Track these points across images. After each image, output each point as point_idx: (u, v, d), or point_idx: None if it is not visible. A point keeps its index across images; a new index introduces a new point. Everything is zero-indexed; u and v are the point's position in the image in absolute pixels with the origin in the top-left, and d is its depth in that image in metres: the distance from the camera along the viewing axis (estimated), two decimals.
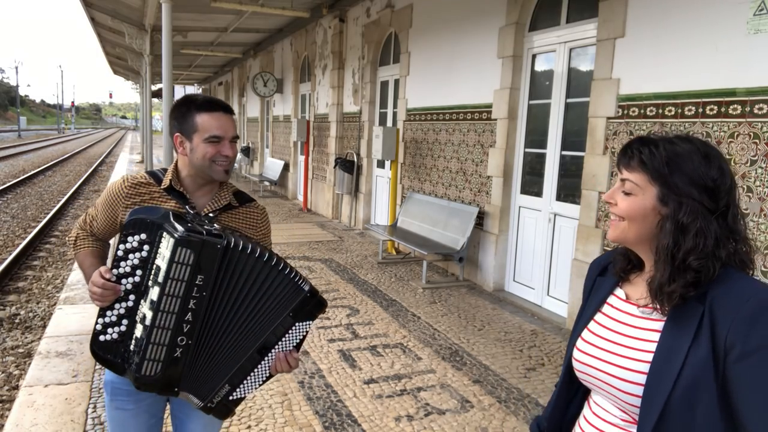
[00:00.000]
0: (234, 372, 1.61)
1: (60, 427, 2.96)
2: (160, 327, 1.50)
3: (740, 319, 0.97)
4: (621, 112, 4.22)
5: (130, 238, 1.54)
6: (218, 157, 1.66)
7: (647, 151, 1.08)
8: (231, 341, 1.58)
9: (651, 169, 1.07)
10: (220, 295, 1.54)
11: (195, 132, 1.65)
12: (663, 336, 1.06)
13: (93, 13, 10.86)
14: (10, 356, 4.65)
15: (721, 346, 0.98)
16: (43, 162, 23.06)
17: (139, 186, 1.71)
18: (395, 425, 3.08)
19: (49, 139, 47.76)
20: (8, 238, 8.90)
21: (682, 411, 1.01)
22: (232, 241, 1.52)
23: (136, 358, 1.53)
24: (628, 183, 1.10)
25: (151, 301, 1.50)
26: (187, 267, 1.48)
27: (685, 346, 1.02)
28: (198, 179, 1.72)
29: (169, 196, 1.70)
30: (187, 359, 1.55)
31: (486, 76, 5.83)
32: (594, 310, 1.23)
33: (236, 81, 19.24)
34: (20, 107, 68.78)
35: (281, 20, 10.85)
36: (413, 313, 4.98)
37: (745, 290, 1.00)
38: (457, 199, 6.45)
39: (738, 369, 0.97)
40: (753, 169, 3.34)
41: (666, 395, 1.01)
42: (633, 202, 1.10)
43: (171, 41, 6.40)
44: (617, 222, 1.13)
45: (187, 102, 1.69)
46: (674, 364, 1.02)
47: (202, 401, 1.62)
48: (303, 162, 11.43)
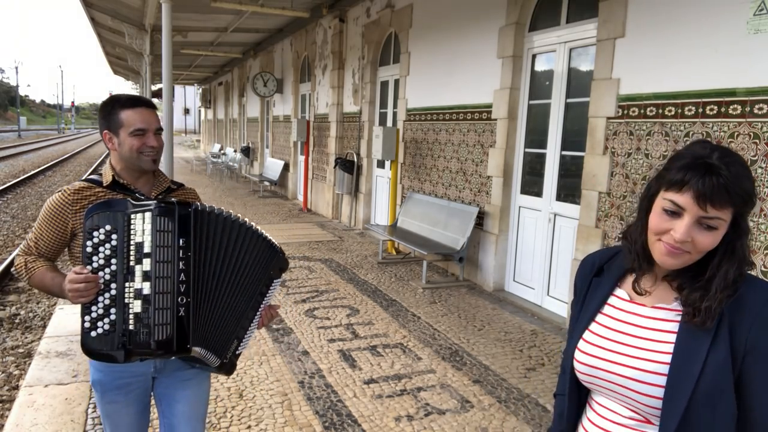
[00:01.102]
0: (239, 327, 1.74)
1: (60, 427, 2.96)
2: (160, 292, 1.60)
3: (759, 322, 1.01)
4: (621, 112, 4.22)
5: (95, 233, 1.60)
6: (144, 148, 1.78)
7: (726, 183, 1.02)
8: (227, 297, 1.70)
9: (734, 204, 1.03)
10: (204, 254, 1.67)
11: (121, 127, 1.77)
12: (680, 337, 1.07)
13: (93, 13, 10.86)
14: (10, 356, 4.65)
15: (741, 348, 1.02)
16: (43, 162, 23.06)
17: (81, 191, 1.78)
18: (395, 425, 3.08)
19: (49, 139, 47.76)
20: (8, 238, 8.90)
21: (704, 411, 1.02)
22: (199, 205, 1.68)
23: (143, 329, 1.58)
24: (716, 221, 1.03)
25: (144, 273, 1.59)
26: (168, 233, 1.61)
27: (704, 348, 1.03)
28: (132, 171, 1.83)
29: (114, 192, 1.79)
30: (192, 317, 1.64)
31: (486, 76, 5.83)
32: (594, 311, 1.21)
33: (236, 81, 19.24)
34: (20, 107, 68.79)
35: (281, 20, 10.85)
36: (413, 313, 4.98)
37: (760, 293, 1.04)
38: (457, 199, 6.45)
39: (755, 370, 1.01)
40: (753, 169, 3.34)
41: (688, 396, 1.02)
42: (716, 237, 1.05)
43: (171, 41, 6.40)
44: (682, 254, 1.06)
45: (112, 101, 1.81)
46: (695, 366, 1.03)
47: (219, 358, 1.71)
48: (303, 162, 11.43)
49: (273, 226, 9.07)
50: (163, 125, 2.02)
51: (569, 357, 1.23)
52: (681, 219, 1.04)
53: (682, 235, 1.04)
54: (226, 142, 22.45)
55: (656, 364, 1.08)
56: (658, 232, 1.08)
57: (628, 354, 1.12)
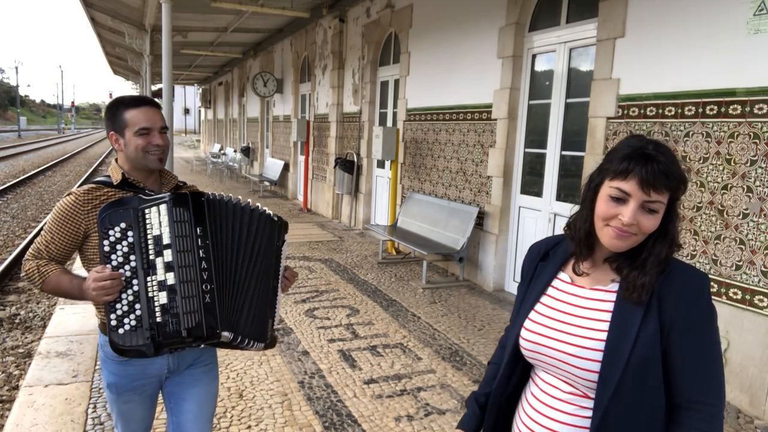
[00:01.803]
0: (270, 305, 1.80)
1: (60, 427, 2.96)
2: (184, 281, 1.62)
3: (683, 301, 1.15)
4: (621, 112, 4.22)
5: (111, 232, 1.62)
6: (150, 147, 1.79)
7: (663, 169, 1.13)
8: (249, 278, 1.75)
9: (670, 188, 1.15)
10: (221, 240, 1.72)
11: (126, 127, 1.79)
12: (615, 314, 1.18)
13: (93, 13, 10.86)
14: (10, 356, 4.65)
15: (667, 323, 1.15)
16: (43, 162, 23.06)
17: (91, 192, 1.78)
18: (395, 425, 3.08)
19: (49, 139, 47.76)
20: (8, 238, 8.90)
21: (635, 382, 1.14)
22: (210, 194, 1.73)
23: (172, 319, 1.60)
24: (657, 204, 1.15)
25: (167, 264, 1.62)
26: (185, 223, 1.65)
27: (636, 324, 1.15)
28: (140, 171, 1.84)
29: (124, 191, 1.80)
30: (218, 302, 1.67)
31: (486, 76, 5.83)
32: (539, 293, 1.31)
33: (236, 81, 19.23)
34: (20, 107, 68.80)
35: (281, 20, 10.85)
36: (413, 313, 4.98)
37: (684, 275, 1.18)
38: (457, 199, 6.45)
39: (678, 341, 1.14)
40: (753, 169, 3.34)
41: (622, 367, 1.13)
42: (658, 219, 1.16)
43: (171, 41, 6.39)
44: (630, 236, 1.16)
45: (117, 103, 1.83)
46: (628, 339, 1.14)
47: (263, 342, 1.77)
48: (303, 162, 11.43)
49: None
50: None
51: (512, 335, 1.34)
52: (627, 204, 1.15)
53: (629, 218, 1.14)
54: (226, 142, 22.45)
55: (594, 341, 1.18)
56: (606, 217, 1.17)
57: (569, 332, 1.22)
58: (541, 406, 1.27)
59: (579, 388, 1.21)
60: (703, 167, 3.64)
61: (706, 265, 3.62)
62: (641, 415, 1.16)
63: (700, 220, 3.66)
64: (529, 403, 1.31)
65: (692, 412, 1.15)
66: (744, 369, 3.37)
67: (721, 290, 3.53)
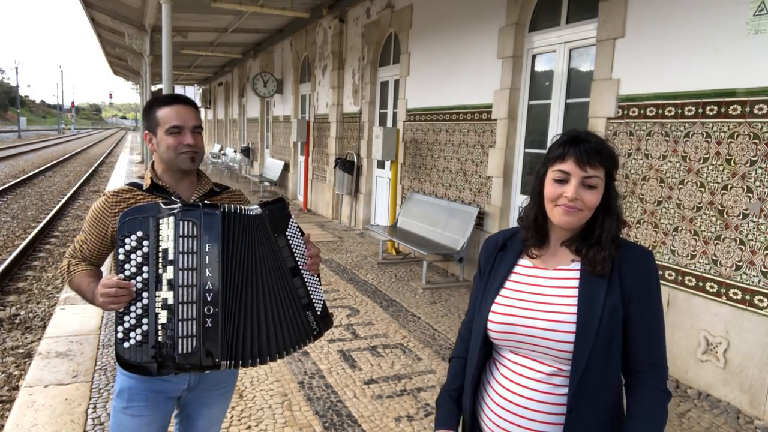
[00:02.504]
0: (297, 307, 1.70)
1: (60, 427, 2.96)
2: (184, 302, 1.53)
3: (639, 274, 1.30)
4: (621, 113, 4.22)
5: (127, 240, 1.55)
6: (181, 147, 1.71)
7: (596, 147, 1.29)
8: (260, 292, 1.64)
9: (605, 163, 1.30)
10: (235, 258, 1.60)
11: (158, 126, 1.72)
12: (582, 289, 1.29)
13: (93, 13, 10.87)
14: (10, 356, 4.65)
15: (627, 294, 1.28)
16: (43, 162, 23.06)
17: (121, 194, 1.73)
18: (395, 425, 3.08)
19: (49, 139, 47.76)
20: (8, 239, 8.90)
21: (603, 348, 1.26)
22: (226, 207, 1.62)
23: (168, 342, 1.53)
24: (594, 179, 1.29)
25: (168, 282, 1.53)
26: (192, 239, 1.55)
27: (602, 295, 1.27)
28: (174, 173, 1.77)
29: (153, 195, 1.73)
30: (222, 328, 1.56)
31: (486, 77, 5.83)
32: (502, 279, 1.40)
33: (236, 81, 19.23)
34: (20, 107, 68.78)
35: (281, 21, 10.86)
36: (413, 313, 4.98)
37: (638, 253, 1.33)
38: (457, 199, 6.45)
39: (634, 312, 1.28)
40: (753, 169, 3.34)
41: (593, 337, 1.25)
42: (597, 194, 1.30)
43: (171, 41, 6.40)
44: (576, 211, 1.29)
45: (151, 101, 1.77)
46: (596, 310, 1.26)
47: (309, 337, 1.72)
48: (303, 162, 11.43)
49: None
50: None
51: (478, 324, 1.41)
52: (569, 183, 1.29)
53: (572, 192, 1.28)
54: (226, 143, 22.45)
55: (565, 315, 1.28)
56: (553, 198, 1.31)
57: (540, 309, 1.31)
58: (516, 386, 1.32)
59: (552, 364, 1.29)
60: (703, 167, 3.64)
61: (706, 265, 3.62)
62: (608, 380, 1.28)
63: (700, 221, 3.66)
64: (496, 389, 1.36)
65: (649, 375, 1.28)
66: (744, 369, 3.37)
67: (721, 290, 3.53)
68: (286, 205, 1.76)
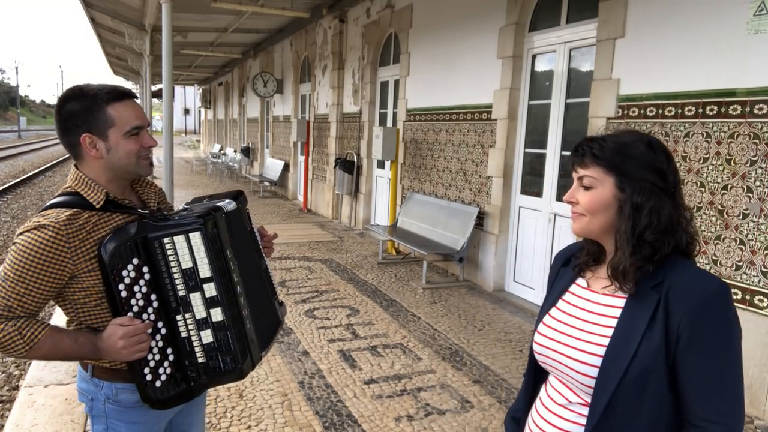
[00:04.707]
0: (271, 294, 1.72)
1: (60, 427, 2.96)
2: (232, 316, 1.45)
3: (690, 310, 1.06)
4: (621, 113, 4.22)
5: (124, 273, 1.37)
6: (142, 151, 1.49)
7: (597, 145, 1.16)
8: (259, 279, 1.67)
9: (604, 160, 1.14)
10: (242, 255, 1.57)
11: (110, 127, 1.42)
12: (620, 321, 1.13)
13: (93, 13, 10.86)
14: None
15: (674, 334, 1.07)
16: (43, 162, 23.06)
17: (73, 221, 1.38)
18: (395, 425, 3.08)
19: (49, 139, 47.72)
20: (8, 238, 8.90)
21: (633, 393, 1.08)
22: (223, 207, 1.54)
23: (223, 357, 1.45)
24: (586, 179, 1.16)
25: (210, 299, 1.43)
26: (219, 248, 1.45)
27: (639, 332, 1.09)
28: (121, 182, 1.51)
29: (108, 213, 1.45)
30: (254, 324, 1.55)
31: (486, 77, 5.83)
32: (556, 298, 1.29)
33: (236, 81, 19.23)
34: (20, 107, 68.78)
35: (281, 20, 10.86)
36: (413, 313, 4.98)
37: (696, 282, 1.09)
38: (457, 199, 6.45)
39: (685, 355, 1.06)
40: (753, 169, 3.34)
41: (619, 377, 1.08)
42: (594, 195, 1.16)
43: (171, 41, 6.39)
44: (579, 216, 1.19)
45: (87, 95, 1.43)
46: (629, 348, 1.09)
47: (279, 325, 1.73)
48: (303, 162, 11.43)
49: (273, 227, 9.06)
50: (163, 126, 1.96)
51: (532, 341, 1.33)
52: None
53: (567, 196, 1.20)
54: (226, 143, 22.45)
55: (595, 346, 1.14)
56: (569, 202, 1.22)
57: (575, 336, 1.19)
58: (545, 411, 1.26)
59: (582, 396, 1.18)
60: (703, 167, 3.64)
61: (707, 266, 3.62)
62: (638, 430, 1.11)
63: (700, 221, 3.66)
64: (536, 409, 1.31)
65: (700, 430, 1.07)
66: (744, 369, 3.37)
67: None
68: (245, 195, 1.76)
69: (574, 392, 1.20)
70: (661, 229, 1.11)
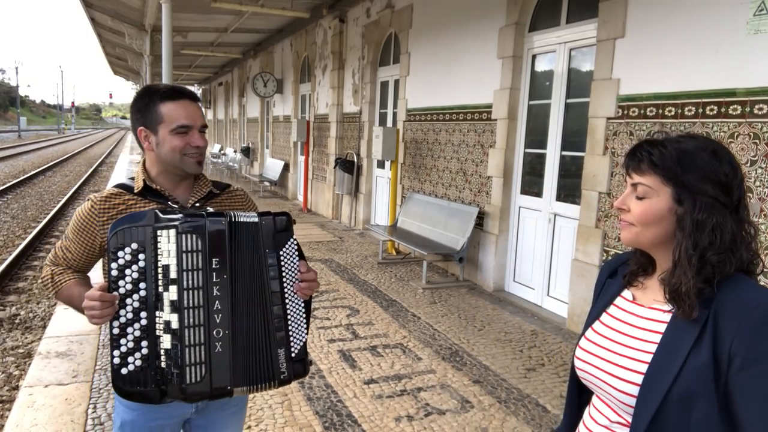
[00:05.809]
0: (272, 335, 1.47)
1: (60, 427, 2.96)
2: (190, 326, 1.38)
3: (745, 329, 0.95)
4: (621, 113, 4.22)
5: (120, 253, 1.39)
6: (188, 148, 1.54)
7: (657, 152, 1.05)
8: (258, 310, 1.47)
9: (663, 169, 1.04)
10: (240, 272, 1.44)
11: (160, 123, 1.53)
12: (664, 338, 1.04)
13: (93, 13, 10.87)
14: (10, 356, 4.65)
15: (725, 355, 0.96)
16: (43, 162, 23.06)
17: (110, 199, 1.56)
18: (395, 425, 3.08)
19: (49, 139, 47.76)
20: (8, 239, 8.90)
21: (677, 414, 1.00)
22: (233, 216, 1.45)
23: (175, 369, 1.38)
24: (641, 187, 1.07)
25: (172, 303, 1.38)
26: (198, 254, 1.39)
27: (685, 350, 1.00)
28: (172, 176, 1.59)
29: (146, 200, 1.56)
30: (232, 351, 1.41)
31: (486, 77, 5.83)
32: (600, 310, 1.21)
33: (236, 81, 19.23)
34: (20, 107, 68.81)
35: (281, 21, 10.86)
36: (413, 313, 4.98)
37: (751, 299, 0.98)
38: (457, 199, 6.45)
39: (740, 379, 0.95)
40: (753, 169, 3.34)
41: (661, 397, 1.00)
42: (648, 205, 1.07)
43: (171, 41, 6.40)
44: (629, 226, 1.10)
45: (150, 92, 1.56)
46: (672, 367, 1.00)
47: (274, 380, 1.46)
48: (303, 162, 11.43)
49: None
50: None
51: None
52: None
53: (617, 201, 1.10)
54: (226, 143, 22.45)
55: (638, 363, 1.07)
56: (619, 209, 1.13)
57: (617, 352, 1.11)
58: (583, 429, 1.20)
59: (623, 416, 1.10)
60: None
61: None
62: None
63: None
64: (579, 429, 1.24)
65: None
66: None
67: None
68: (290, 219, 1.53)
69: (615, 411, 1.12)
70: (724, 248, 1.02)
